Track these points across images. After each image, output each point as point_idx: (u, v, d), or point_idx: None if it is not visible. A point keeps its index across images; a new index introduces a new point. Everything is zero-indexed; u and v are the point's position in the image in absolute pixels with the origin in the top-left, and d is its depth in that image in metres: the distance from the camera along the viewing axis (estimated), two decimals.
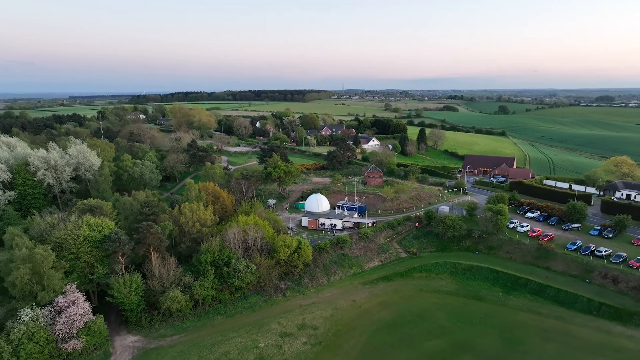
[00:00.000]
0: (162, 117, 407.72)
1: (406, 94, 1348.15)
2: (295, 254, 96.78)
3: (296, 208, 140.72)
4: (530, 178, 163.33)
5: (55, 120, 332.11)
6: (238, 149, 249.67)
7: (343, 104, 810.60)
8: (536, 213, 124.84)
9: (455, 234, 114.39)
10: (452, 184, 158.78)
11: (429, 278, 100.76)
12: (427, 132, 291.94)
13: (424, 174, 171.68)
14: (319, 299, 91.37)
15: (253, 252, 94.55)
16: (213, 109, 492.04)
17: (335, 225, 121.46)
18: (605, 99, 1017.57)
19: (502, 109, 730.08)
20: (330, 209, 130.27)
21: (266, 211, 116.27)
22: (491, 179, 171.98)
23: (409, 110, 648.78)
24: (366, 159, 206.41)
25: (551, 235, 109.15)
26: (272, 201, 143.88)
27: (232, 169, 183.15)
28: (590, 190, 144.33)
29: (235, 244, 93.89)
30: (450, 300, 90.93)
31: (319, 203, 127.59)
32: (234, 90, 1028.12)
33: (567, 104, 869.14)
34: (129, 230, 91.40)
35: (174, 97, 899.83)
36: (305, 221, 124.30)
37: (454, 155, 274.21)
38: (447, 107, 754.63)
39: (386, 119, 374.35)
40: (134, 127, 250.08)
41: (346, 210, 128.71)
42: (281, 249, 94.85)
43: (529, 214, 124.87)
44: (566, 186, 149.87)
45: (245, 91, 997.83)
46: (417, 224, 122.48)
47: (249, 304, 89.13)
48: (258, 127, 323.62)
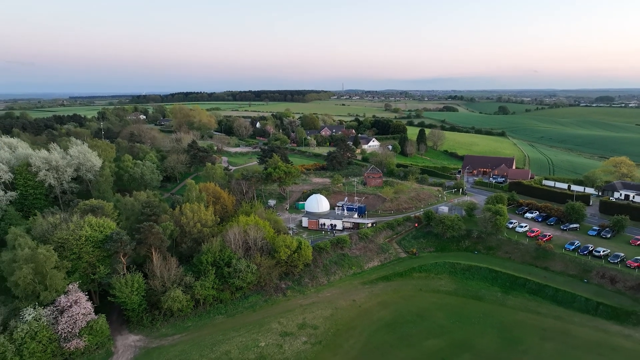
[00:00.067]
0: (162, 118, 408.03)
1: (406, 94, 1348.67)
2: (296, 254, 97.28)
3: (296, 208, 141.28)
4: (530, 178, 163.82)
5: (55, 120, 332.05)
6: (238, 149, 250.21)
7: (343, 105, 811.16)
8: (535, 213, 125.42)
9: (455, 234, 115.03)
10: (452, 184, 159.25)
11: (428, 278, 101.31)
12: (427, 132, 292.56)
13: (424, 175, 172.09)
14: (319, 298, 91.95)
15: (254, 252, 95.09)
16: (213, 109, 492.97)
17: (335, 226, 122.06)
18: (605, 99, 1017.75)
19: (502, 109, 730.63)
20: (330, 209, 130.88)
21: (266, 211, 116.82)
22: (490, 179, 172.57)
23: (408, 110, 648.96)
24: (366, 159, 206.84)
25: (550, 235, 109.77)
26: (272, 201, 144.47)
27: (232, 169, 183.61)
28: (589, 190, 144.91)
29: (236, 244, 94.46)
30: (450, 300, 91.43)
31: (319, 203, 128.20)
32: (234, 90, 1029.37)
33: (567, 104, 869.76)
34: (130, 231, 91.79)
35: (174, 97, 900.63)
36: (305, 221, 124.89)
37: (453, 155, 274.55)
38: (447, 107, 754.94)
39: (386, 119, 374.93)
40: (134, 128, 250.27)
41: (346, 211, 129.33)
42: (281, 249, 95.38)
43: (527, 214, 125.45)
44: (565, 187, 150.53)
45: (245, 91, 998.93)
46: (417, 225, 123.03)
47: (249, 303, 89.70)
48: (258, 128, 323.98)
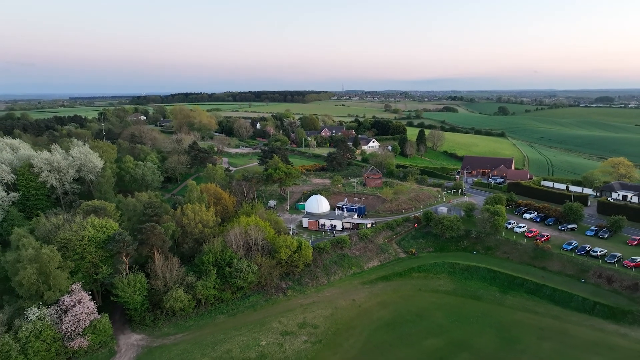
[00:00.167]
0: (162, 119, 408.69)
1: (406, 94, 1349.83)
2: (296, 254, 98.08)
3: (296, 209, 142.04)
4: (528, 179, 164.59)
5: (56, 121, 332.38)
6: (239, 150, 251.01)
7: (343, 105, 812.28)
8: (533, 214, 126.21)
9: (454, 234, 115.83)
10: (451, 185, 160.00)
11: (427, 278, 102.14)
12: (427, 133, 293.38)
13: (423, 175, 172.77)
14: (319, 298, 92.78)
15: (254, 252, 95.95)
16: (213, 110, 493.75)
17: (335, 226, 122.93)
18: (604, 99, 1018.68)
19: (502, 109, 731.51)
20: (330, 210, 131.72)
21: (267, 212, 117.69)
22: (489, 180, 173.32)
23: (408, 111, 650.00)
24: (366, 160, 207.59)
25: (548, 235, 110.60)
26: (272, 202, 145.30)
27: (233, 170, 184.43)
28: (588, 191, 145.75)
29: (237, 244, 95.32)
30: (448, 299, 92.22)
31: (319, 204, 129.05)
32: (234, 91, 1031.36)
33: (567, 105, 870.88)
34: (132, 231, 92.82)
35: (175, 98, 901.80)
36: (305, 222, 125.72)
37: (453, 156, 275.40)
38: (447, 108, 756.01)
39: (386, 120, 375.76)
40: (135, 129, 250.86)
41: (346, 211, 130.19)
42: (282, 249, 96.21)
43: (526, 215, 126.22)
44: (564, 187, 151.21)
45: (245, 92, 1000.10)
46: (416, 225, 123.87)
47: (250, 303, 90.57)
48: (258, 129, 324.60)
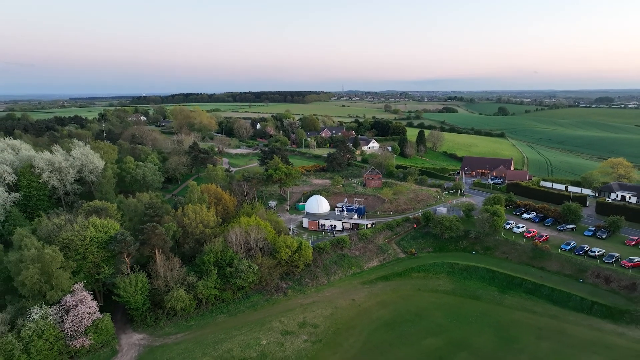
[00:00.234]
0: (163, 119, 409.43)
1: (406, 95, 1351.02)
2: (296, 255, 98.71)
3: (297, 209, 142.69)
4: (527, 180, 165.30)
5: (57, 122, 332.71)
6: (239, 150, 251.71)
7: (343, 106, 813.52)
8: (532, 214, 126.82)
9: (453, 234, 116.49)
10: (450, 185, 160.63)
11: (426, 278, 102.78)
12: (427, 133, 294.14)
13: (423, 176, 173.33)
14: (319, 298, 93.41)
15: (255, 252, 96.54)
16: (213, 110, 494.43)
17: (335, 226, 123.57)
18: (604, 100, 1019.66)
19: (502, 110, 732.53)
20: (330, 210, 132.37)
21: (267, 212, 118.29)
22: (489, 180, 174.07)
23: (408, 111, 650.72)
24: (365, 160, 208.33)
25: (546, 236, 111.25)
26: (273, 203, 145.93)
27: (233, 170, 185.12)
28: (586, 191, 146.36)
29: (237, 244, 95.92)
30: (448, 299, 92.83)
31: (319, 204, 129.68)
32: (234, 91, 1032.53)
33: (567, 105, 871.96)
34: (133, 231, 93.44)
35: (175, 98, 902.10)
36: (305, 222, 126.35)
37: (452, 156, 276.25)
38: (447, 108, 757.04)
39: (386, 120, 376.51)
40: (135, 129, 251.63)
41: (346, 212, 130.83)
42: (282, 249, 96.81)
43: (525, 215, 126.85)
44: (563, 188, 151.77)
45: (245, 92, 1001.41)
46: (416, 225, 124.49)
47: (251, 303, 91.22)
48: (258, 129, 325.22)
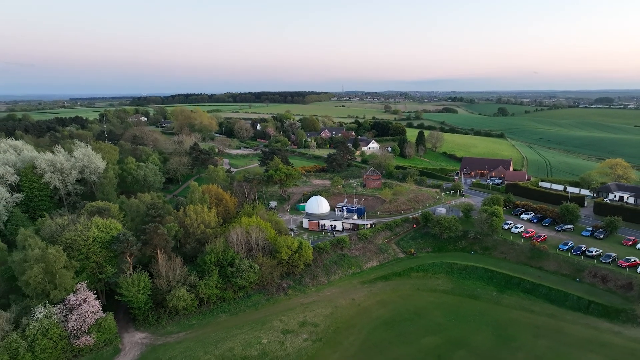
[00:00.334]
0: (163, 120, 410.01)
1: (406, 95, 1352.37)
2: (297, 255, 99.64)
3: (297, 210, 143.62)
4: (526, 180, 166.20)
5: (57, 122, 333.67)
6: (239, 151, 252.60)
7: (343, 106, 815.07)
8: (530, 214, 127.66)
9: (452, 235, 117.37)
10: (450, 186, 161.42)
11: (425, 277, 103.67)
12: (426, 134, 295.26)
13: (422, 177, 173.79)
14: (320, 297, 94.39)
15: (256, 252, 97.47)
16: (214, 111, 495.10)
17: (335, 227, 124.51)
18: (604, 100, 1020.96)
19: (501, 110, 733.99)
20: (330, 210, 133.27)
21: (268, 213, 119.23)
22: (488, 181, 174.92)
23: (408, 112, 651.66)
24: (365, 161, 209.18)
25: (544, 236, 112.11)
26: (273, 203, 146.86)
27: (234, 171, 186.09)
28: (585, 192, 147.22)
29: (238, 244, 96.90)
30: (446, 298, 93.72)
31: (319, 205, 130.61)
32: (234, 92, 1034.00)
33: (566, 106, 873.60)
34: (135, 232, 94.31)
35: (175, 99, 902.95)
36: (306, 222, 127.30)
37: (452, 157, 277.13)
38: (447, 108, 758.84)
39: (385, 121, 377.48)
40: (136, 130, 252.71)
41: (346, 212, 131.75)
42: (283, 249, 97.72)
43: (523, 216, 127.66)
44: (561, 188, 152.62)
45: (245, 93, 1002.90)
46: (415, 225, 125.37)
47: (252, 302, 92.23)
48: (259, 130, 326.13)
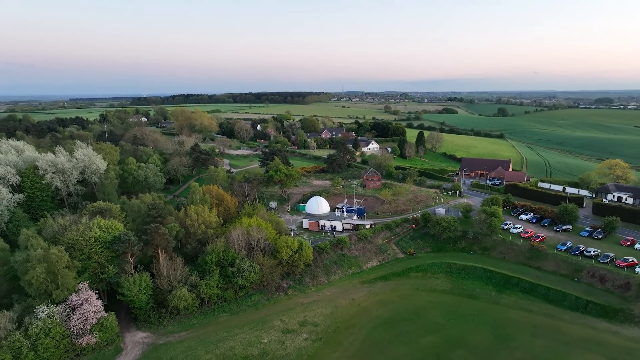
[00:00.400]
0: (164, 120, 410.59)
1: (406, 96, 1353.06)
2: (297, 255, 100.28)
3: (297, 210, 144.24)
4: (525, 181, 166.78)
5: (58, 123, 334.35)
6: (240, 152, 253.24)
7: (343, 107, 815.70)
8: (529, 215, 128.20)
9: (451, 235, 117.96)
10: (449, 186, 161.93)
11: (425, 277, 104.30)
12: (426, 135, 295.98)
13: (422, 177, 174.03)
14: (320, 297, 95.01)
15: (256, 252, 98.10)
16: (214, 111, 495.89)
17: (335, 227, 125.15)
18: (604, 101, 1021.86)
19: (501, 111, 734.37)
20: (330, 211, 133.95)
21: (268, 213, 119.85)
22: (487, 181, 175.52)
23: (408, 112, 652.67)
24: (365, 162, 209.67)
25: (543, 236, 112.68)
26: (273, 203, 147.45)
27: (234, 172, 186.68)
28: (584, 192, 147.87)
29: (239, 244, 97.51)
30: (445, 298, 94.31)
31: (319, 205, 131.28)
32: (234, 92, 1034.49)
33: (566, 106, 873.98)
34: (137, 232, 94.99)
35: (175, 99, 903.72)
36: (306, 223, 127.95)
37: (452, 158, 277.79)
38: (447, 109, 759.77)
39: (385, 121, 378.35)
40: (137, 131, 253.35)
41: (345, 213, 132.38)
42: (283, 249, 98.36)
43: (522, 216, 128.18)
44: (560, 189, 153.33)
45: (245, 93, 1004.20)
46: (414, 226, 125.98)
47: (252, 302, 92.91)
48: (259, 130, 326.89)
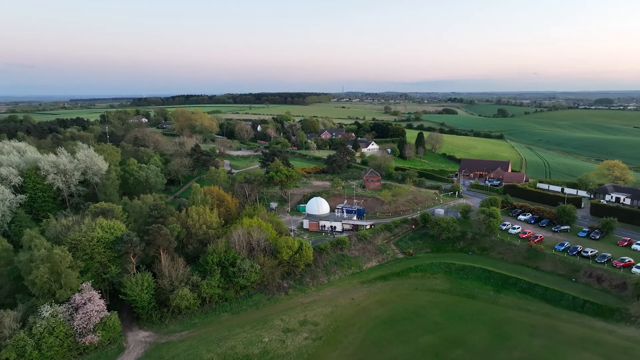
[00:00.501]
0: (164, 121, 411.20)
1: (406, 96, 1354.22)
2: (297, 255, 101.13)
3: (297, 211, 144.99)
4: (524, 181, 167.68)
5: (59, 124, 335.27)
6: (240, 152, 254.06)
7: (343, 107, 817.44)
8: (528, 215, 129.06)
9: (450, 235, 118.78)
10: (448, 187, 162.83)
11: (424, 277, 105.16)
12: (426, 135, 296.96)
13: (421, 178, 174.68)
14: (320, 297, 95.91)
15: (257, 252, 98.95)
16: (214, 112, 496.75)
17: (335, 227, 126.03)
18: (604, 101, 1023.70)
19: (501, 112, 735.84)
20: (330, 211, 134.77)
21: (269, 214, 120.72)
22: (486, 182, 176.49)
23: (408, 113, 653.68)
24: (365, 162, 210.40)
25: (541, 236, 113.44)
26: (274, 204, 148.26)
27: (234, 172, 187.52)
28: (582, 193, 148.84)
29: (240, 245, 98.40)
30: (444, 298, 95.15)
31: (319, 206, 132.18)
32: (234, 93, 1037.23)
33: (566, 107, 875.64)
34: (139, 232, 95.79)
35: (175, 100, 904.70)
36: (306, 223, 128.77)
37: (451, 158, 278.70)
38: (447, 110, 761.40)
39: (385, 122, 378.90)
40: (138, 132, 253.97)
41: (345, 213, 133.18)
42: (284, 249, 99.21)
43: (520, 217, 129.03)
44: (559, 189, 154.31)
45: (245, 94, 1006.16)
46: (414, 226, 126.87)
47: (253, 301, 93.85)
48: (259, 131, 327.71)
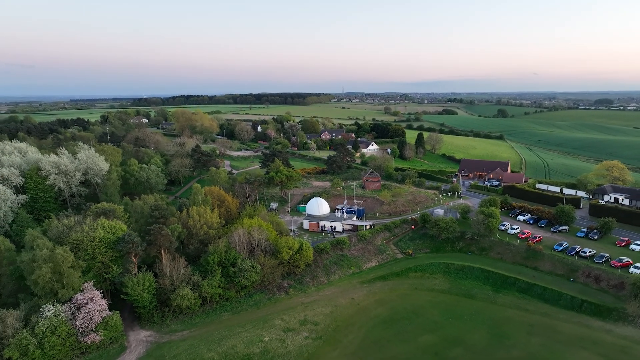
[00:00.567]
0: (164, 121, 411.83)
1: (406, 97, 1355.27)
2: (297, 255, 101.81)
3: (297, 211, 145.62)
4: (523, 182, 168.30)
5: (59, 124, 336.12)
6: (240, 153, 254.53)
7: (343, 107, 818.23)
8: (527, 216, 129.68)
9: (449, 235, 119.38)
10: (448, 187, 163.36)
11: (423, 277, 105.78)
12: (426, 136, 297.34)
13: (421, 178, 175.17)
14: (320, 297, 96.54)
15: (257, 252, 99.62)
16: (214, 112, 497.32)
17: (335, 228, 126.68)
18: (604, 102, 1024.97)
19: (501, 112, 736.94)
20: (330, 212, 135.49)
21: (269, 214, 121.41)
22: (485, 182, 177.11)
23: (408, 113, 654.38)
24: (365, 163, 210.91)
25: (540, 237, 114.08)
26: (274, 204, 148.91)
27: (235, 173, 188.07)
28: (581, 194, 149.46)
29: (240, 245, 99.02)
30: (443, 298, 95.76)
31: (319, 206, 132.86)
32: (234, 93, 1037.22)
33: (566, 107, 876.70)
34: (140, 233, 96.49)
35: (175, 100, 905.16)
36: (306, 224, 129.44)
37: (451, 159, 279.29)
38: (447, 110, 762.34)
39: (385, 122, 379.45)
40: (138, 132, 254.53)
41: (345, 213, 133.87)
42: (284, 250, 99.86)
43: (519, 217, 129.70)
44: (558, 190, 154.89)
45: (245, 94, 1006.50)
46: (413, 227, 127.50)
47: (254, 301, 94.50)
48: (259, 132, 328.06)
